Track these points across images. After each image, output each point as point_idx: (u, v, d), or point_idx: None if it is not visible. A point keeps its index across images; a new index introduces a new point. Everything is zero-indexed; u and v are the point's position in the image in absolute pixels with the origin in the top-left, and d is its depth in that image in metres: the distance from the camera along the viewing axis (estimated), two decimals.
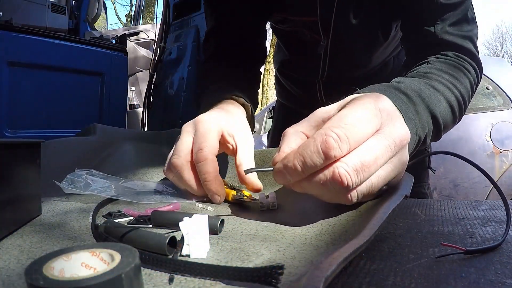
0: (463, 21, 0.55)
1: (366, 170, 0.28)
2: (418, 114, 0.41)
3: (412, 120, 0.38)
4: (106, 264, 0.17)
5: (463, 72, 0.52)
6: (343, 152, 0.28)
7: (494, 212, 0.39)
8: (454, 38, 0.54)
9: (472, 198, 2.05)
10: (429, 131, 0.44)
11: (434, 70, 0.50)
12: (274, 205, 0.39)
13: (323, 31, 0.68)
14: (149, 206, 0.40)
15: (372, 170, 0.29)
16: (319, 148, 0.27)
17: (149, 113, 2.13)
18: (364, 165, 0.28)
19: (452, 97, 0.49)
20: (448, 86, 0.49)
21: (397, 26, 0.68)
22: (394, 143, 0.30)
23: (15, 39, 1.77)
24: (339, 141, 0.27)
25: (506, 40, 15.63)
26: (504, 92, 2.18)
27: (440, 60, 0.54)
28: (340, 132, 0.28)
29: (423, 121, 0.41)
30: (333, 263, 0.17)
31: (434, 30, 0.54)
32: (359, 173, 0.28)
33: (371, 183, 0.30)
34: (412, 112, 0.39)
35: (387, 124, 0.30)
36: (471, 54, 0.55)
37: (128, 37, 2.67)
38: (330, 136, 0.27)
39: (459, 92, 0.50)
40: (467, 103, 0.54)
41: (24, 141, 0.32)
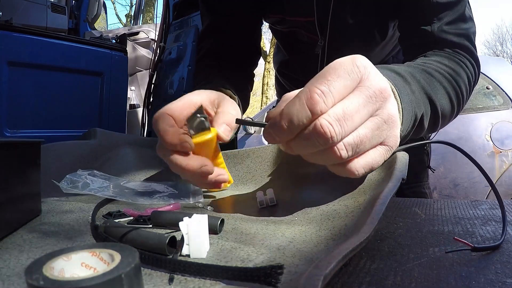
0: (460, 20, 0.55)
1: (349, 119, 0.28)
2: (413, 93, 0.40)
3: (406, 96, 0.38)
4: (106, 264, 0.17)
5: (460, 66, 0.52)
6: (328, 106, 0.28)
7: (494, 212, 0.39)
8: (451, 36, 0.54)
9: (472, 197, 2.05)
10: (426, 113, 0.43)
11: (431, 61, 0.50)
12: (273, 201, 0.39)
13: (320, 31, 0.68)
14: (149, 206, 0.40)
15: (355, 120, 0.29)
16: (305, 104, 0.28)
17: (149, 113, 2.13)
18: (346, 114, 0.28)
19: (449, 86, 0.49)
20: (445, 76, 0.49)
21: (395, 25, 0.69)
22: (374, 93, 0.30)
23: (15, 39, 1.77)
24: (323, 96, 0.28)
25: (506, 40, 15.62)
26: (504, 92, 2.18)
27: (437, 53, 0.54)
28: (323, 87, 0.28)
29: (418, 99, 0.41)
30: (332, 261, 0.17)
31: (431, 29, 0.55)
32: (341, 122, 0.28)
33: (358, 134, 0.29)
34: (406, 89, 0.39)
35: (366, 78, 0.30)
36: (469, 51, 0.55)
37: (128, 37, 2.67)
38: (315, 92, 0.28)
39: (456, 82, 0.50)
40: (465, 96, 0.53)
41: (24, 141, 0.32)
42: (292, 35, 0.75)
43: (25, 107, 1.83)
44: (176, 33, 2.08)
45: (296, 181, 0.45)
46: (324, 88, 0.28)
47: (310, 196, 0.39)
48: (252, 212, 0.38)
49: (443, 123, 0.51)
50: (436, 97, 0.45)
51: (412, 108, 0.39)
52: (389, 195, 0.27)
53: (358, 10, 0.64)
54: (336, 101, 0.28)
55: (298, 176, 0.45)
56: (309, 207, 0.36)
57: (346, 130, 0.28)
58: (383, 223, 0.35)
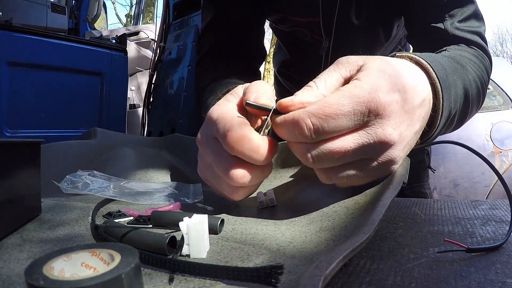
0: (472, 18, 0.55)
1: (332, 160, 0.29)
2: (455, 86, 0.39)
3: (447, 91, 0.36)
4: (106, 264, 0.17)
5: (479, 60, 0.52)
6: (314, 139, 0.28)
7: (494, 212, 0.39)
8: (465, 34, 0.54)
9: (472, 197, 2.05)
10: (459, 106, 0.42)
11: (454, 55, 0.49)
12: (273, 201, 0.39)
13: (325, 32, 0.67)
14: (149, 206, 0.40)
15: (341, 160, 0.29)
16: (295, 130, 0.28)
17: (149, 113, 2.13)
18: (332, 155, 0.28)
19: (478, 80, 0.48)
20: (474, 69, 0.48)
21: (399, 25, 0.68)
22: (373, 143, 0.29)
23: (15, 39, 1.77)
24: (312, 131, 0.28)
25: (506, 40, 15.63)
26: (504, 92, 2.18)
27: (455, 48, 0.53)
28: (316, 122, 0.28)
29: (457, 94, 0.40)
30: (332, 262, 0.17)
31: (444, 26, 0.54)
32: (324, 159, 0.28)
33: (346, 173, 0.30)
34: (448, 83, 0.37)
35: (373, 124, 0.28)
36: (483, 48, 0.55)
37: (128, 37, 2.67)
38: (305, 124, 0.28)
39: (481, 75, 0.50)
40: (485, 91, 0.53)
41: (24, 141, 0.32)
42: (294, 35, 0.74)
43: (25, 107, 1.84)
44: (176, 33, 2.09)
45: (296, 181, 0.45)
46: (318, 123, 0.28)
47: (310, 196, 0.39)
48: (252, 212, 0.38)
49: (466, 121, 0.50)
50: (471, 91, 0.44)
51: (449, 104, 0.38)
52: (390, 197, 0.27)
53: (363, 10, 0.64)
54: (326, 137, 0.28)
55: (298, 176, 0.45)
56: (309, 207, 0.36)
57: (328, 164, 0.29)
58: (383, 223, 0.35)
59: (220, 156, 0.33)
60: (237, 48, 0.69)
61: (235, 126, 0.31)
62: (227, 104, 0.36)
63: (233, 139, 0.31)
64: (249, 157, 0.31)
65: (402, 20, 0.68)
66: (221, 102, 0.37)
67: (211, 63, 0.69)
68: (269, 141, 0.32)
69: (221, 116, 0.33)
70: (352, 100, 0.27)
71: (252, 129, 0.32)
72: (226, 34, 0.69)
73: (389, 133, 0.28)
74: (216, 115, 0.34)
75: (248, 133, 0.31)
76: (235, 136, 0.31)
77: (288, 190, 0.43)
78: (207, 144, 0.35)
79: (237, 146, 0.31)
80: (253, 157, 0.31)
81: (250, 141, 0.31)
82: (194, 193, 0.46)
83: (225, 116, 0.33)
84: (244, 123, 0.32)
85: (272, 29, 0.81)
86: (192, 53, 1.88)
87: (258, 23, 0.73)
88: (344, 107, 0.27)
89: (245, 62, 0.70)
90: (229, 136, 0.31)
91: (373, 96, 0.28)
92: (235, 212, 0.37)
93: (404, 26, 0.68)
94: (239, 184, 0.33)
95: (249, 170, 0.32)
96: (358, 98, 0.27)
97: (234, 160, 0.32)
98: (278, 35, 0.82)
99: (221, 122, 0.33)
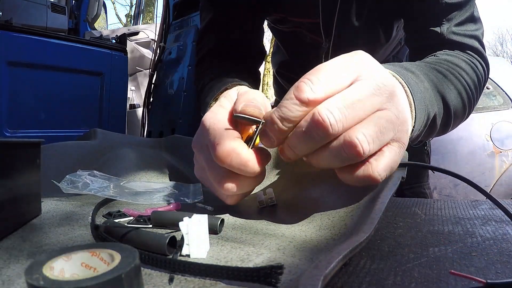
0: (469, 21, 0.54)
1: (350, 108, 0.26)
2: (426, 91, 0.39)
3: (419, 94, 0.36)
4: (106, 264, 0.17)
5: (470, 66, 0.52)
6: (316, 93, 0.26)
7: (494, 212, 0.39)
8: (461, 38, 0.54)
9: (472, 197, 2.04)
10: (439, 112, 0.42)
11: (442, 61, 0.50)
12: (273, 200, 0.39)
13: (324, 33, 0.67)
14: (149, 206, 0.40)
15: (358, 110, 0.26)
16: (292, 94, 0.27)
17: (149, 113, 2.13)
18: (347, 103, 0.26)
19: (460, 86, 0.48)
20: (456, 76, 0.48)
21: (399, 26, 0.68)
22: (377, 86, 0.27)
23: (15, 39, 1.77)
24: (310, 83, 0.26)
25: (506, 40, 15.62)
26: (504, 92, 2.18)
27: (447, 53, 0.53)
28: (312, 77, 0.27)
29: (431, 98, 0.40)
30: (332, 261, 0.17)
31: (441, 30, 0.54)
32: (342, 110, 0.25)
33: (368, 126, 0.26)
34: (419, 86, 0.37)
35: (366, 71, 0.28)
36: (479, 52, 0.55)
37: (128, 37, 2.67)
38: (302, 81, 0.27)
39: (467, 83, 0.49)
40: (476, 97, 0.53)
41: (24, 141, 0.32)
42: (294, 36, 0.74)
43: (25, 107, 1.84)
44: (176, 33, 2.09)
45: (296, 181, 0.45)
46: (312, 77, 0.27)
47: (310, 196, 0.39)
48: (252, 212, 0.38)
49: (454, 124, 0.50)
50: (449, 97, 0.44)
51: (425, 107, 0.37)
52: (388, 194, 0.27)
53: (364, 12, 0.63)
54: (329, 90, 0.26)
55: (298, 176, 0.45)
56: (309, 206, 0.36)
57: (349, 118, 0.26)
58: (383, 223, 0.35)
59: (212, 165, 0.33)
60: (236, 48, 0.69)
61: (224, 139, 0.31)
62: (219, 111, 0.35)
63: (221, 154, 0.30)
64: (238, 170, 0.31)
65: (402, 21, 0.68)
66: (214, 108, 0.36)
67: (211, 63, 0.68)
68: (259, 153, 0.31)
69: (212, 126, 0.33)
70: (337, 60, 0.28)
71: (241, 142, 0.32)
72: (225, 35, 0.68)
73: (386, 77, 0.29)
74: (208, 124, 0.34)
75: (236, 147, 0.30)
76: (223, 150, 0.30)
77: (288, 189, 0.43)
78: (201, 151, 0.35)
79: (226, 160, 0.30)
80: (243, 170, 0.31)
81: (239, 156, 0.30)
82: (194, 193, 0.46)
83: (216, 127, 0.33)
84: (233, 136, 0.32)
85: (271, 29, 0.81)
86: (192, 53, 1.88)
87: (258, 23, 0.72)
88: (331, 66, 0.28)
89: (245, 62, 0.70)
90: (217, 150, 0.30)
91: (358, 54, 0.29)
92: (235, 212, 0.37)
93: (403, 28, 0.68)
94: (231, 194, 0.33)
95: (240, 180, 0.32)
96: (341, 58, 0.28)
97: (225, 171, 0.32)
98: (276, 35, 0.82)
99: (212, 133, 0.32)
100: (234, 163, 0.30)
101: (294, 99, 0.26)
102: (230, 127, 0.33)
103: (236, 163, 0.30)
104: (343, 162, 0.27)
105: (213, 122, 0.33)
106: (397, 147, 0.29)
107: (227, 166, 0.31)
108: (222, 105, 0.36)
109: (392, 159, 0.28)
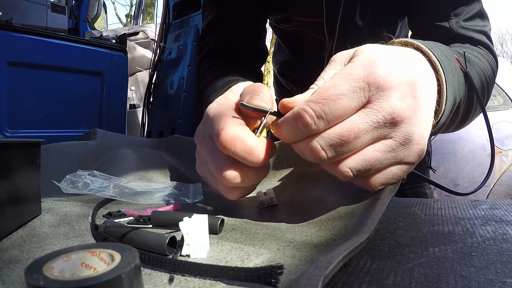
0: (478, 17, 0.54)
1: (345, 145, 0.26)
2: (457, 72, 0.38)
3: (450, 74, 0.35)
4: (106, 264, 0.17)
5: (484, 58, 0.51)
6: (319, 128, 0.27)
7: (494, 212, 0.39)
8: (470, 32, 0.53)
9: (472, 197, 2.04)
10: (463, 99, 0.40)
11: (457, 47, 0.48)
12: (273, 200, 0.39)
13: (328, 33, 0.67)
14: (149, 206, 0.40)
15: (353, 145, 0.27)
16: (298, 124, 0.27)
17: (149, 113, 2.13)
18: (343, 140, 0.26)
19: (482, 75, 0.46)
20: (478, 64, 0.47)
21: (402, 25, 0.68)
22: (383, 119, 0.27)
23: (15, 39, 1.77)
24: (314, 118, 0.26)
25: (506, 40, 15.63)
26: (504, 92, 2.18)
27: (459, 45, 0.52)
28: (316, 108, 0.26)
29: (460, 81, 0.38)
30: (332, 262, 0.17)
31: (449, 25, 0.53)
32: (336, 148, 0.26)
33: (365, 157, 0.27)
34: (451, 67, 0.36)
35: (376, 98, 0.27)
36: (488, 47, 0.55)
37: (128, 37, 2.67)
38: (306, 112, 0.27)
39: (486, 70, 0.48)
40: (490, 85, 0.52)
41: (24, 141, 0.32)
42: (296, 35, 0.73)
43: (25, 107, 1.83)
44: (176, 33, 2.09)
45: (296, 181, 0.45)
46: (317, 109, 0.26)
47: (310, 196, 0.39)
48: (252, 212, 0.38)
49: (472, 117, 0.48)
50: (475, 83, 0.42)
51: (453, 89, 0.36)
52: (389, 195, 0.27)
53: (368, 11, 0.63)
54: (332, 123, 0.27)
55: (298, 176, 0.45)
56: (309, 206, 0.36)
57: (342, 154, 0.27)
58: (383, 223, 0.35)
59: (215, 155, 0.33)
60: (239, 47, 0.68)
61: (229, 125, 0.31)
62: (225, 102, 0.35)
63: (225, 139, 0.30)
64: (242, 157, 0.31)
65: (406, 20, 0.67)
66: (219, 99, 0.36)
67: (213, 63, 0.68)
68: (265, 143, 0.31)
69: (217, 114, 0.33)
70: (348, 78, 0.27)
71: (247, 129, 0.31)
72: (227, 34, 0.68)
73: (395, 104, 0.26)
74: (212, 113, 0.34)
75: (241, 133, 0.30)
76: (228, 135, 0.30)
77: (288, 189, 0.43)
78: (203, 142, 0.35)
79: (230, 145, 0.30)
80: (246, 158, 0.30)
81: (243, 142, 0.30)
82: (194, 193, 0.46)
83: (221, 114, 0.32)
84: (239, 122, 0.31)
85: (272, 28, 0.80)
86: (192, 53, 1.88)
87: (260, 22, 0.71)
88: (341, 86, 0.26)
89: (247, 61, 0.69)
90: (222, 135, 0.30)
91: (369, 70, 0.27)
92: (235, 212, 0.37)
93: (407, 26, 0.68)
94: (233, 185, 0.32)
95: (243, 171, 0.32)
96: (353, 76, 0.27)
97: (229, 160, 0.32)
98: (278, 35, 0.81)
99: (216, 120, 0.32)
100: (238, 149, 0.30)
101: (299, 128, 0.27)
102: (236, 115, 0.32)
103: (240, 149, 0.30)
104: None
105: (218, 111, 0.33)
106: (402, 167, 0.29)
107: (231, 153, 0.30)
108: (227, 97, 0.36)
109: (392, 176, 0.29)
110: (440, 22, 0.54)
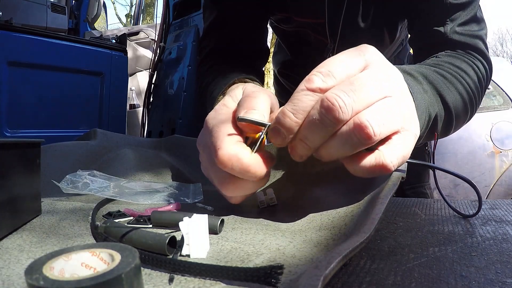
0: (472, 21, 0.54)
1: (358, 91, 0.26)
2: (425, 92, 0.39)
3: (419, 95, 0.36)
4: (106, 264, 0.17)
5: (472, 68, 0.52)
6: (327, 83, 0.27)
7: (494, 212, 0.39)
8: (463, 38, 0.54)
9: (472, 198, 2.04)
10: (440, 113, 0.42)
11: (442, 62, 0.50)
12: (273, 200, 0.39)
13: (330, 34, 0.67)
14: (149, 206, 0.40)
15: (366, 93, 0.26)
16: (304, 86, 0.27)
17: (149, 113, 2.13)
18: (355, 86, 0.26)
19: (461, 88, 0.48)
20: (457, 77, 0.48)
21: (402, 27, 0.68)
22: (387, 74, 0.28)
23: (15, 39, 1.77)
24: (321, 76, 0.27)
25: (506, 40, 15.62)
26: (504, 92, 2.18)
27: (449, 54, 0.53)
28: (321, 69, 0.27)
29: (431, 99, 0.40)
30: (332, 261, 0.17)
31: (444, 30, 0.54)
32: (350, 94, 0.26)
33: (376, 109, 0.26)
34: (418, 88, 0.38)
35: (373, 63, 0.29)
36: (481, 52, 0.55)
37: (128, 37, 2.67)
38: (313, 74, 0.27)
39: (468, 85, 0.49)
40: (478, 99, 0.53)
41: (24, 141, 0.32)
42: (298, 36, 0.73)
43: (25, 107, 1.83)
44: (176, 33, 2.08)
45: (296, 181, 0.45)
46: (323, 70, 0.27)
47: (310, 196, 0.39)
48: (252, 212, 0.38)
49: (457, 126, 0.49)
50: (450, 98, 0.44)
51: (425, 108, 0.38)
52: (389, 194, 0.27)
53: (370, 12, 0.63)
54: (339, 79, 0.27)
55: (298, 176, 0.45)
56: (309, 206, 0.36)
57: (357, 102, 0.26)
58: (383, 223, 0.35)
59: (215, 167, 0.33)
60: (240, 47, 0.68)
61: (225, 143, 0.31)
62: (223, 110, 0.35)
63: (222, 159, 0.30)
64: (240, 175, 0.31)
65: (406, 22, 0.67)
66: (218, 107, 0.36)
67: (214, 62, 0.67)
68: (262, 158, 0.31)
69: (215, 127, 0.33)
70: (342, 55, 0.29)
71: (243, 146, 0.31)
72: (229, 34, 0.68)
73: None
74: (211, 124, 0.34)
75: (238, 152, 0.30)
76: (225, 155, 0.30)
77: (288, 189, 0.43)
78: (205, 151, 0.35)
79: (227, 165, 0.30)
80: (244, 176, 0.31)
81: (240, 161, 0.30)
82: (194, 193, 0.46)
83: (218, 129, 0.32)
84: (235, 140, 0.31)
85: (273, 28, 0.80)
86: (192, 53, 1.88)
87: (262, 22, 0.71)
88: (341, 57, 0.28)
89: (248, 61, 0.69)
90: (219, 154, 0.30)
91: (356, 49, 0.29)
92: (235, 212, 0.37)
93: (406, 28, 0.68)
94: (233, 196, 0.34)
95: (243, 184, 0.32)
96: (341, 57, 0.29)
97: (228, 174, 0.32)
98: (279, 35, 0.81)
99: (214, 135, 0.32)
100: (235, 168, 0.30)
101: (306, 90, 0.27)
102: (233, 130, 0.32)
103: (237, 168, 0.30)
104: (354, 148, 0.27)
105: (216, 124, 0.33)
106: (407, 135, 0.29)
107: (229, 171, 0.31)
108: (226, 104, 0.36)
109: (402, 147, 0.28)
110: (437, 27, 0.55)
